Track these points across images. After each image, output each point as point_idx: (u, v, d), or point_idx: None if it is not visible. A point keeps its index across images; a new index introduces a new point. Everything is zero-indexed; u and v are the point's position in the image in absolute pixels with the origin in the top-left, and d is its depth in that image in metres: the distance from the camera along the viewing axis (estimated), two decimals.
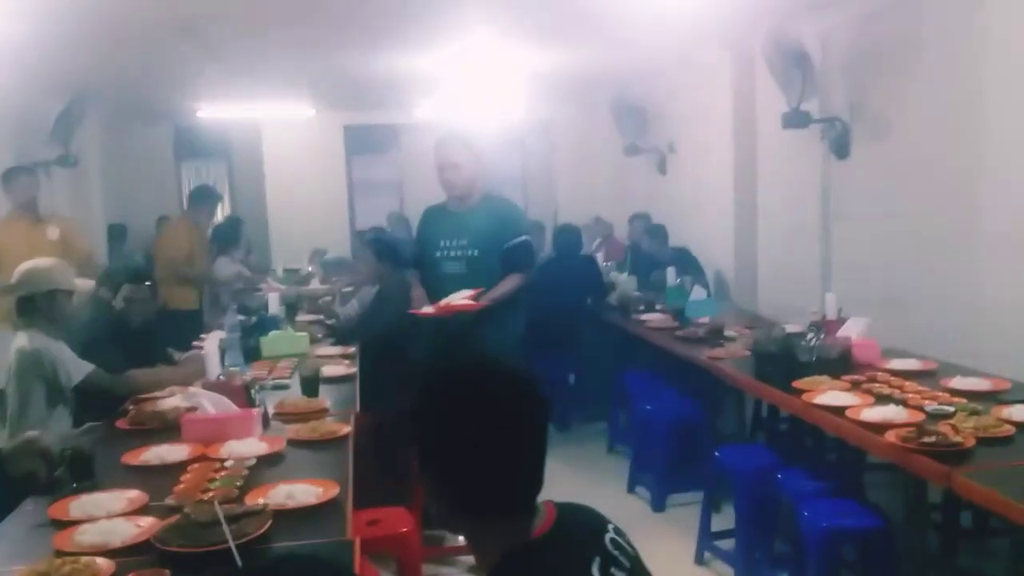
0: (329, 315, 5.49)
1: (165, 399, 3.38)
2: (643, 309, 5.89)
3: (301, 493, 2.32)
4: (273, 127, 9.70)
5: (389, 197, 10.61)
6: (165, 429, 3.06)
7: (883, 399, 3.16)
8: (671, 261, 6.58)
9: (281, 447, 2.80)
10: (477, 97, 7.60)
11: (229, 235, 6.91)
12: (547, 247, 7.39)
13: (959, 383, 3.31)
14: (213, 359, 3.33)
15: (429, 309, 3.96)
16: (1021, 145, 3.87)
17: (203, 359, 3.47)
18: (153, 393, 3.52)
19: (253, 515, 2.11)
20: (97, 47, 5.67)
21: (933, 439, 2.58)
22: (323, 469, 2.60)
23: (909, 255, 4.81)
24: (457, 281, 4.07)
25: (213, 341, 3.57)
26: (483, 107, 8.01)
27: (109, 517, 2.24)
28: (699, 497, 4.10)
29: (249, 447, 2.77)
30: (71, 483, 2.50)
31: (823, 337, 3.81)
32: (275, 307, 5.08)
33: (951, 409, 2.92)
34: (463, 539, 1.39)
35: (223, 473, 2.54)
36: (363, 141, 10.60)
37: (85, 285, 3.75)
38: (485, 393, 1.30)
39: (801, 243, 5.86)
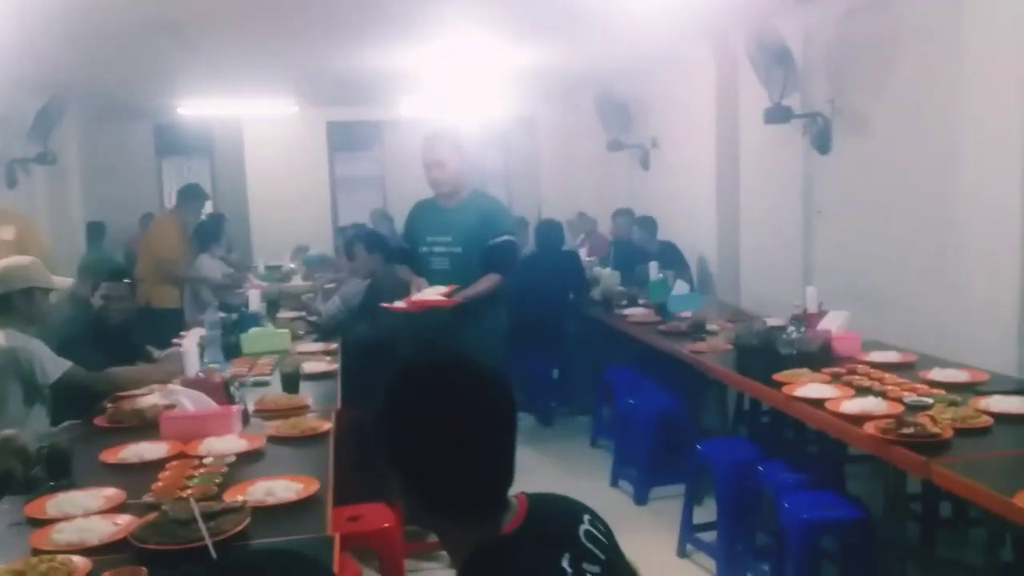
0: (311, 312, 5.46)
1: (144, 396, 3.36)
2: (626, 304, 5.90)
3: (281, 489, 2.31)
4: (255, 124, 9.66)
5: (372, 193, 10.58)
6: (144, 426, 3.03)
7: (863, 391, 3.18)
8: (658, 253, 6.61)
9: (261, 444, 2.79)
10: (461, 94, 7.60)
11: (211, 232, 6.86)
12: (530, 242, 7.38)
13: (937, 375, 3.34)
14: (192, 356, 3.31)
15: (401, 304, 3.94)
16: (997, 140, 3.91)
17: (182, 357, 3.45)
18: (132, 391, 3.49)
19: (232, 512, 2.09)
20: (77, 44, 5.62)
21: (912, 430, 2.61)
22: (303, 466, 2.59)
23: (889, 248, 4.86)
24: (442, 277, 4.06)
25: (192, 339, 3.55)
26: (467, 103, 8.02)
27: (86, 515, 2.22)
28: (682, 490, 4.11)
29: (228, 444, 2.76)
30: (48, 481, 2.48)
31: (804, 330, 3.84)
32: (256, 304, 5.06)
33: (930, 401, 2.95)
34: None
35: (202, 470, 2.53)
36: (346, 137, 10.57)
37: (63, 282, 3.71)
38: (449, 391, 1.29)
39: (783, 237, 5.89)
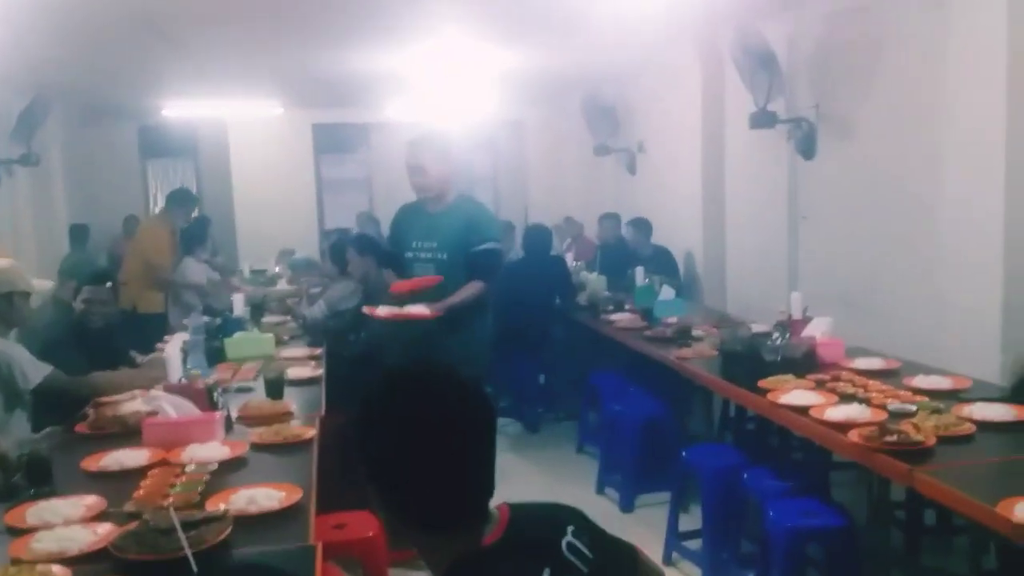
0: (296, 316, 5.43)
1: (126, 403, 3.32)
2: (612, 309, 5.90)
3: (263, 498, 2.29)
4: (240, 125, 9.60)
5: (359, 196, 10.54)
6: (126, 433, 3.00)
7: (847, 398, 3.19)
8: (650, 257, 6.63)
9: (244, 451, 2.76)
10: (448, 97, 7.58)
11: (196, 236, 6.80)
12: (518, 247, 7.37)
13: (921, 381, 3.35)
14: (174, 362, 3.28)
15: (383, 312, 3.91)
16: (980, 145, 3.94)
17: (164, 362, 3.41)
18: (114, 396, 3.45)
19: (213, 521, 2.07)
20: (61, 45, 5.58)
21: (895, 438, 2.61)
22: (286, 473, 2.56)
23: (873, 254, 4.88)
24: None
25: (175, 344, 3.52)
26: (454, 107, 8.00)
27: (66, 524, 2.19)
28: (668, 497, 4.11)
29: (211, 451, 2.73)
30: (28, 489, 2.44)
31: (788, 336, 3.84)
32: (240, 308, 5.02)
33: (913, 408, 2.95)
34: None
35: (184, 478, 2.50)
36: (332, 139, 10.52)
37: (42, 285, 3.67)
38: (425, 402, 1.27)
39: (768, 242, 5.91)
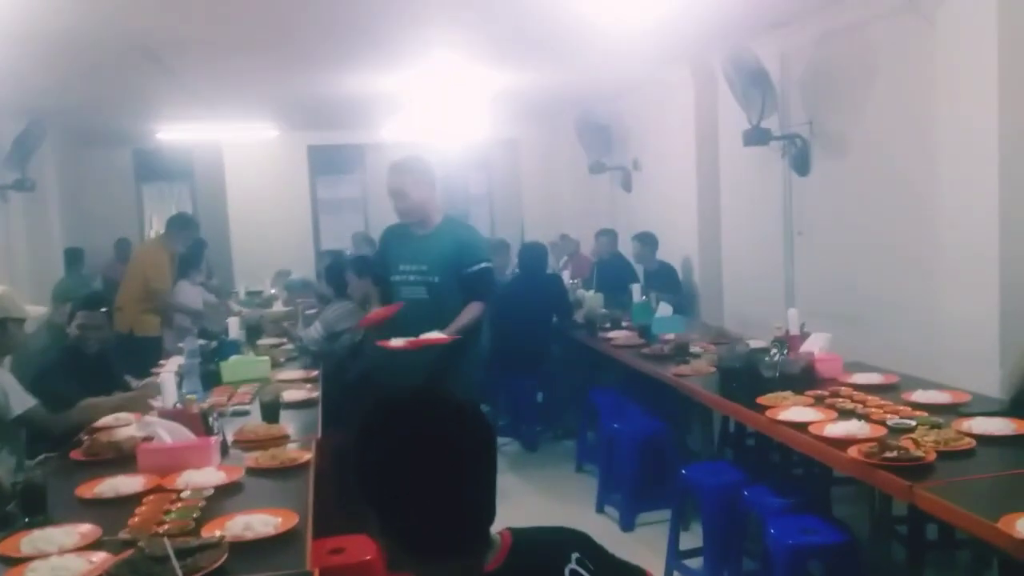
0: (292, 338, 5.40)
1: (120, 428, 3.30)
2: (609, 326, 5.89)
3: (259, 524, 2.26)
4: (235, 148, 9.62)
5: (354, 216, 10.56)
6: (121, 459, 2.98)
7: (846, 414, 3.17)
8: (656, 271, 6.65)
9: (240, 476, 2.74)
10: (442, 117, 7.60)
11: (191, 259, 6.80)
12: (513, 265, 7.38)
13: (920, 396, 3.35)
14: (169, 387, 3.26)
15: (399, 342, 3.87)
16: (973, 158, 3.94)
17: (159, 386, 3.39)
18: (101, 423, 3.41)
19: (209, 548, 2.05)
20: (55, 72, 5.59)
21: (895, 454, 2.60)
22: (283, 498, 2.54)
23: (869, 270, 4.88)
24: (418, 306, 4.02)
25: (170, 368, 3.50)
26: (448, 127, 8.01)
27: (61, 553, 2.17)
28: (668, 515, 4.08)
29: (206, 477, 2.71)
30: (23, 518, 2.42)
31: (786, 353, 3.83)
32: (235, 331, 5.00)
33: (912, 423, 2.94)
34: None
35: (179, 505, 2.48)
36: (327, 161, 10.55)
37: (36, 311, 3.65)
38: (424, 428, 1.26)
39: (764, 258, 5.91)
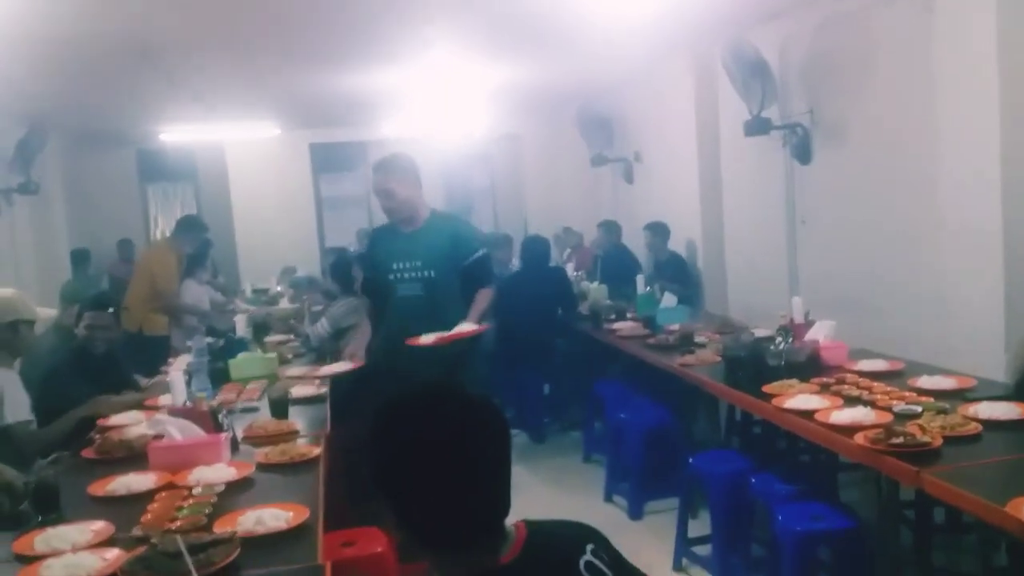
0: (298, 335, 5.42)
1: (131, 427, 3.32)
2: (614, 318, 5.90)
3: (270, 518, 2.28)
4: (238, 147, 9.65)
5: (358, 213, 10.58)
6: (132, 457, 3.00)
7: (852, 401, 3.18)
8: (667, 260, 6.67)
9: (250, 472, 2.76)
10: (444, 112, 7.61)
11: (196, 258, 6.83)
12: (516, 259, 7.39)
13: (925, 382, 3.35)
14: (178, 385, 3.28)
15: (430, 338, 3.85)
16: (973, 145, 3.95)
17: (168, 385, 3.42)
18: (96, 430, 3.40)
19: (221, 543, 2.07)
20: (58, 73, 5.61)
21: (901, 440, 2.61)
22: (293, 493, 2.56)
23: (872, 257, 4.88)
24: (416, 303, 4.02)
25: (179, 367, 3.52)
26: (450, 122, 8.03)
27: (75, 550, 2.19)
28: (676, 504, 4.10)
29: (217, 473, 2.73)
30: (36, 516, 2.44)
31: (791, 341, 3.84)
32: (243, 329, 5.02)
33: (918, 409, 2.94)
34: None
35: (191, 501, 2.50)
36: (330, 159, 10.58)
37: (46, 313, 3.67)
38: (439, 421, 1.27)
39: (768, 247, 5.92)
